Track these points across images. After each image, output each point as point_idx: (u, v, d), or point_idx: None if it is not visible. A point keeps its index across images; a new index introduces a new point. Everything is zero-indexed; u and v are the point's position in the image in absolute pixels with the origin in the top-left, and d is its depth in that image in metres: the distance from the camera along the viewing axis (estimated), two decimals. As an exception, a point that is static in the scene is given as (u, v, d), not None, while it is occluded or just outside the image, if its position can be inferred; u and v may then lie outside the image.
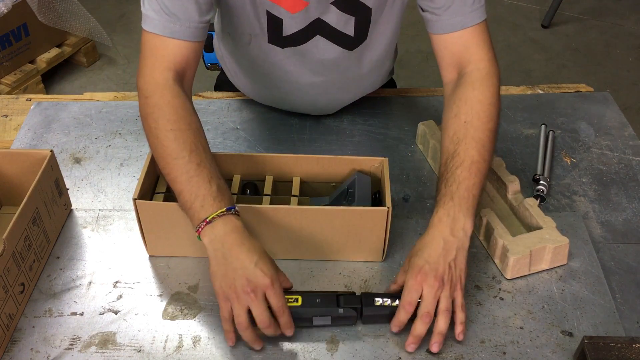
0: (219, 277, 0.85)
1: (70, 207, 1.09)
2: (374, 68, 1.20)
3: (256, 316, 0.83)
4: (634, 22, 3.25)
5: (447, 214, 0.90)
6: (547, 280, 0.98)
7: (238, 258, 0.85)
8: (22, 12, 2.50)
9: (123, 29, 3.14)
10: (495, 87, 1.00)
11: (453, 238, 0.89)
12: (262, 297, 0.83)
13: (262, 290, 0.83)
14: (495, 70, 1.01)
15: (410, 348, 0.87)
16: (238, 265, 0.84)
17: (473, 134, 0.95)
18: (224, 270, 0.85)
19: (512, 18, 3.25)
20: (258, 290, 0.83)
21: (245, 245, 0.86)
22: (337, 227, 0.95)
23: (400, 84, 1.48)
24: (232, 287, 0.84)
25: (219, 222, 0.87)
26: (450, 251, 0.88)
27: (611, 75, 2.88)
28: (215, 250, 0.86)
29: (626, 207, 1.10)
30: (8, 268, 0.87)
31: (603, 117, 1.30)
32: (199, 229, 0.87)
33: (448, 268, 0.87)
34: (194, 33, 0.97)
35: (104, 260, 1.00)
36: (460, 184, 0.91)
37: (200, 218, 0.87)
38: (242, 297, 0.83)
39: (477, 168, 0.93)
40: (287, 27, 1.06)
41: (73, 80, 2.82)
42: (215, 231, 0.87)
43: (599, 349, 0.82)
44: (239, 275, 0.83)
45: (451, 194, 0.91)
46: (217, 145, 1.22)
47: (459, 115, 0.97)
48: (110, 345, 0.89)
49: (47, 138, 1.24)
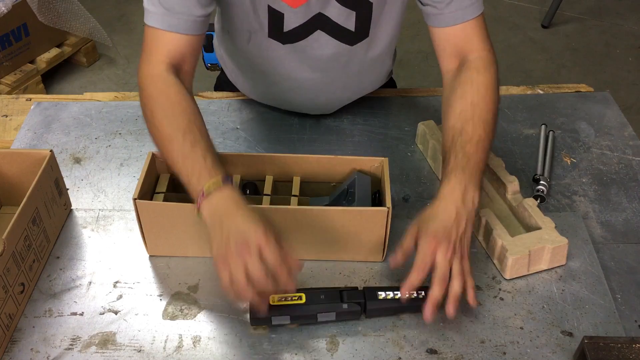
0: (215, 243, 0.85)
1: (70, 207, 1.09)
2: (374, 65, 1.20)
3: (251, 272, 0.81)
4: (634, 22, 3.25)
5: (459, 185, 0.92)
6: (547, 280, 0.98)
7: (234, 221, 0.85)
8: (22, 12, 2.50)
9: (123, 29, 3.14)
10: (496, 74, 1.04)
11: (464, 208, 0.91)
12: (256, 252, 0.82)
13: (256, 245, 0.82)
14: (495, 60, 1.06)
15: (429, 315, 0.87)
16: (233, 227, 0.84)
17: (479, 114, 0.98)
18: (219, 235, 0.85)
19: (512, 18, 3.25)
20: (252, 245, 0.82)
21: (241, 210, 0.86)
22: (337, 227, 0.95)
23: (400, 84, 1.48)
24: (227, 247, 0.83)
25: (215, 194, 0.87)
26: (462, 220, 0.90)
27: (611, 75, 2.88)
28: (213, 219, 0.86)
29: (626, 207, 1.10)
30: (8, 268, 0.87)
31: (603, 117, 1.30)
32: (198, 202, 0.88)
33: (458, 236, 0.89)
34: (191, 26, 0.99)
35: (104, 260, 1.00)
36: (470, 159, 0.94)
37: (198, 192, 0.88)
38: (236, 254, 0.82)
39: (483, 146, 0.96)
40: (288, 22, 1.06)
41: (73, 80, 2.83)
42: (212, 202, 0.87)
43: (599, 349, 0.82)
44: (233, 234, 0.83)
45: (462, 167, 0.93)
46: (217, 145, 1.20)
47: (465, 96, 1.00)
48: (110, 345, 0.89)
49: (47, 138, 1.24)
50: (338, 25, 1.07)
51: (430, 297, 0.87)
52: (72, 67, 2.87)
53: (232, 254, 0.82)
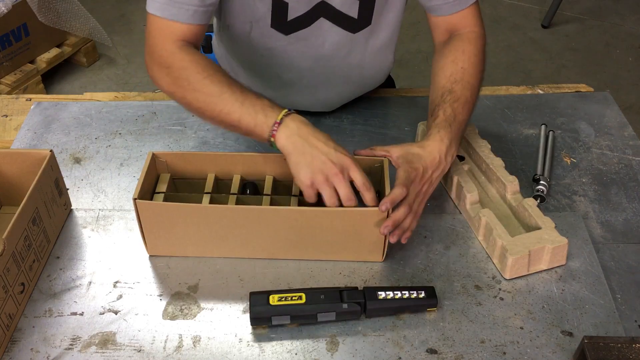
0: (304, 166, 0.92)
1: (70, 207, 1.09)
2: (375, 57, 1.20)
3: (344, 195, 0.92)
4: (634, 22, 3.25)
5: (446, 139, 1.01)
6: (547, 280, 0.98)
7: (317, 146, 0.93)
8: (22, 12, 2.50)
9: (123, 29, 3.14)
10: (484, 47, 1.13)
11: (445, 160, 1.01)
12: (347, 176, 0.92)
13: (347, 170, 0.92)
14: (484, 35, 1.13)
15: (385, 229, 0.93)
16: (319, 151, 0.92)
17: (468, 79, 1.06)
18: (309, 159, 0.92)
19: (512, 18, 3.25)
20: (344, 170, 0.92)
21: (318, 133, 0.94)
22: (337, 227, 0.95)
23: (400, 84, 1.48)
24: (322, 172, 0.91)
25: (288, 120, 0.95)
26: (439, 169, 1.00)
27: (611, 75, 2.88)
28: (294, 144, 0.93)
29: (626, 207, 1.10)
30: (8, 268, 0.87)
31: (603, 117, 1.30)
32: (273, 132, 0.94)
33: (431, 179, 1.00)
34: (192, 16, 1.01)
35: (104, 260, 1.00)
36: (456, 117, 1.03)
37: (270, 124, 0.94)
38: (330, 179, 0.91)
39: (468, 108, 1.05)
40: (292, 11, 1.08)
41: (73, 80, 2.83)
42: (289, 128, 0.94)
43: (599, 349, 0.82)
44: (324, 160, 0.92)
45: (449, 122, 1.02)
46: (217, 145, 1.22)
47: (457, 61, 1.08)
48: (110, 345, 0.89)
49: (47, 138, 1.24)
50: (341, 13, 1.10)
51: (393, 216, 0.93)
52: (72, 67, 2.88)
53: (326, 179, 0.91)
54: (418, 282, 0.97)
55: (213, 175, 1.03)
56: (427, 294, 0.91)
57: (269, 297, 0.88)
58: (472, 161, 1.14)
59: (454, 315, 0.92)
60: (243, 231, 0.96)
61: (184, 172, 1.04)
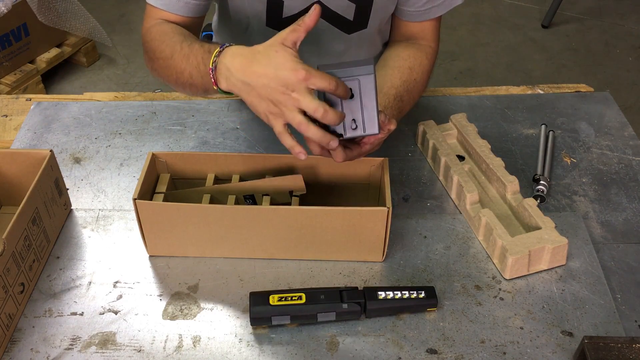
0: (255, 104, 0.83)
1: (70, 207, 1.09)
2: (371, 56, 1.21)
3: (311, 109, 0.79)
4: (634, 22, 3.25)
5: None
6: (547, 280, 0.98)
7: (256, 73, 0.81)
8: (22, 12, 2.50)
9: (123, 29, 3.14)
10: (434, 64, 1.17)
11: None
12: (305, 90, 0.79)
13: (303, 85, 0.79)
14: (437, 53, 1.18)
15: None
16: (261, 81, 0.81)
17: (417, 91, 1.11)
18: (254, 95, 0.82)
19: (512, 18, 3.25)
20: (298, 86, 0.79)
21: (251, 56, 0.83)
22: (337, 227, 0.95)
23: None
24: (273, 102, 0.80)
25: (219, 61, 0.86)
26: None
27: (611, 75, 2.88)
28: (235, 84, 0.84)
29: (626, 207, 1.10)
30: (8, 268, 0.87)
31: (603, 117, 1.30)
32: (213, 80, 0.87)
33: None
34: (183, 8, 1.03)
35: (104, 260, 1.00)
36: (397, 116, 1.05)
37: (207, 72, 0.88)
38: (286, 104, 0.80)
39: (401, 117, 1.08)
40: (287, 9, 1.08)
41: (73, 80, 2.83)
42: (222, 69, 0.86)
43: (599, 349, 0.82)
44: (270, 88, 0.80)
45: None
46: (217, 145, 1.22)
47: (413, 71, 1.10)
48: (110, 345, 0.89)
49: (47, 138, 1.24)
50: (336, 14, 1.11)
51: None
52: (72, 67, 2.88)
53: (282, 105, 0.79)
54: (418, 282, 0.97)
55: (213, 175, 1.03)
56: (427, 294, 0.91)
57: (268, 297, 0.88)
58: (472, 161, 1.15)
59: (454, 315, 0.92)
60: (243, 231, 0.96)
61: (184, 172, 1.04)
